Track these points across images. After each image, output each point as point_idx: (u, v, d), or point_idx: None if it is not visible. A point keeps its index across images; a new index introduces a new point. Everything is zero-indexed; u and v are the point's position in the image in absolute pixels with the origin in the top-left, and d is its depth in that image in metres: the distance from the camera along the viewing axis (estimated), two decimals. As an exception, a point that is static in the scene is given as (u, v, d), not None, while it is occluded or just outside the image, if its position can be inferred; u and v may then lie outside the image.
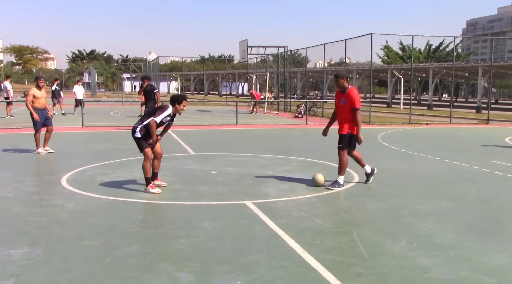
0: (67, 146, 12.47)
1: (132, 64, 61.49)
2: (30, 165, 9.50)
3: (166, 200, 6.57)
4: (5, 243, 4.67)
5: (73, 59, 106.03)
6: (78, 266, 4.15)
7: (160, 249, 4.61)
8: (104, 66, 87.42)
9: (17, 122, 17.86)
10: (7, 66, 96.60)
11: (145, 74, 45.99)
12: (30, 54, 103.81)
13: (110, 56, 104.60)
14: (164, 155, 10.70)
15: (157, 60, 39.78)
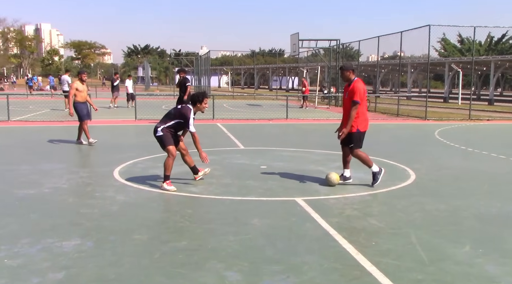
0: (120, 138, 12.73)
1: (184, 58, 62.45)
2: (85, 157, 9.74)
3: (215, 194, 6.49)
4: (58, 234, 4.73)
5: (128, 54, 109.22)
6: (127, 261, 4.11)
7: (209, 246, 4.51)
8: (157, 61, 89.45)
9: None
10: (67, 61, 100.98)
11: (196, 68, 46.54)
12: (88, 49, 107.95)
13: (164, 51, 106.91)
14: (214, 148, 10.73)
15: (208, 55, 40.11)
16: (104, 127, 15.23)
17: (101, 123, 15.99)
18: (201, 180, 7.26)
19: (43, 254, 4.21)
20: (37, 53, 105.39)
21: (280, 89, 69.41)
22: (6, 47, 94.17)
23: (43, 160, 9.14)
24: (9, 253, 4.20)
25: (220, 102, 28.37)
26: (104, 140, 12.16)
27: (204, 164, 7.10)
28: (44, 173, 7.71)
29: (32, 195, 6.35)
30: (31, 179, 7.24)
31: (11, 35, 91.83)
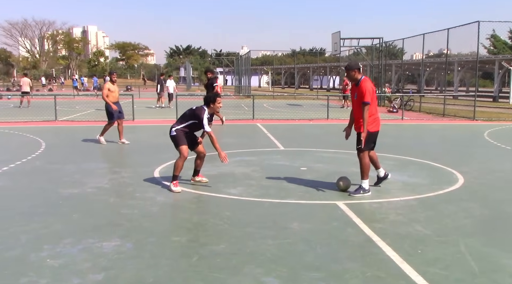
0: (161, 138, 12.88)
1: (225, 58, 62.94)
2: (127, 157, 9.88)
3: (254, 196, 6.41)
4: (98, 235, 4.77)
5: (170, 55, 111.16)
6: (165, 263, 4.09)
7: (247, 250, 4.43)
8: (198, 61, 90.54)
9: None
10: (112, 62, 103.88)
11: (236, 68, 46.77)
12: (132, 50, 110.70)
13: (205, 51, 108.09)
14: (253, 149, 10.67)
15: (249, 54, 40.22)
16: (146, 127, 15.49)
17: (143, 123, 16.29)
18: (232, 182, 7.19)
19: (84, 254, 4.25)
20: (84, 54, 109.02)
21: (321, 89, 68.74)
22: (55, 49, 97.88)
23: (87, 159, 9.35)
24: (52, 253, 4.26)
25: (260, 102, 28.32)
26: (145, 140, 12.35)
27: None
28: (87, 172, 7.87)
29: (75, 194, 6.48)
30: (75, 178, 7.40)
31: (59, 38, 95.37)
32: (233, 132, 14.06)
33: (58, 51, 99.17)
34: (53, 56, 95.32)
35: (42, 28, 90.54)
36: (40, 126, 15.19)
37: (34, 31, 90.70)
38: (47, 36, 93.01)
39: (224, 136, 12.96)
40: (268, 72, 76.36)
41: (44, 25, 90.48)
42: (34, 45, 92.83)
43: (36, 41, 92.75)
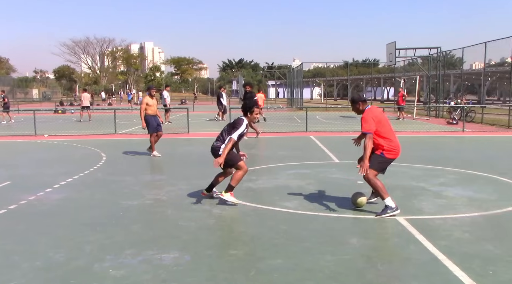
0: (216, 151, 13.05)
1: (277, 71, 63.24)
2: (183, 169, 10.03)
3: (310, 210, 6.30)
4: (158, 246, 4.85)
5: (223, 68, 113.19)
6: (223, 277, 4.07)
7: (305, 265, 4.33)
8: (250, 74, 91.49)
9: (174, 128, 19.35)
10: (167, 77, 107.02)
11: (288, 80, 46.79)
12: (186, 65, 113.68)
13: (257, 64, 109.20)
14: (307, 162, 10.56)
15: (301, 67, 40.17)
16: (201, 139, 15.72)
17: (198, 136, 16.56)
18: (287, 195, 7.12)
19: (144, 265, 4.32)
20: (141, 70, 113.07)
21: (374, 100, 67.41)
22: (114, 65, 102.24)
23: (145, 171, 9.60)
24: (114, 263, 4.36)
25: (312, 114, 28.15)
26: (200, 152, 12.53)
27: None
28: (145, 184, 8.07)
29: (134, 206, 6.64)
30: (134, 190, 7.60)
31: (118, 54, 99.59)
32: (286, 145, 14.01)
33: (117, 67, 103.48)
34: (112, 72, 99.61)
35: (103, 45, 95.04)
36: (101, 139, 15.80)
37: (95, 49, 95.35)
38: (107, 53, 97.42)
39: (278, 149, 12.93)
40: (320, 84, 75.85)
41: (104, 43, 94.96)
42: (95, 62, 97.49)
43: (97, 58, 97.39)
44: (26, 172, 9.50)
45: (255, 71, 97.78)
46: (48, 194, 7.37)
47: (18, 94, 59.98)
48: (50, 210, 6.43)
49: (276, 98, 71.72)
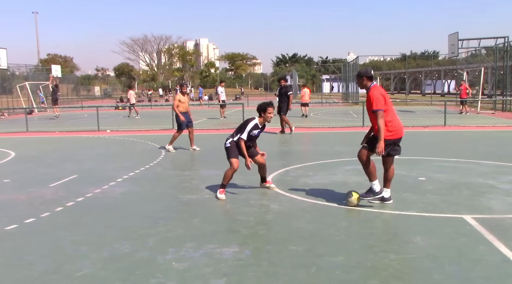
0: (271, 146, 13.04)
1: (331, 65, 62.42)
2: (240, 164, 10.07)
3: (370, 207, 6.14)
4: (218, 240, 4.89)
5: (277, 63, 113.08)
6: (284, 273, 4.05)
7: (368, 263, 4.22)
8: (304, 69, 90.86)
9: (229, 123, 19.55)
10: (222, 72, 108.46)
11: (343, 74, 46.04)
12: (240, 61, 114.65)
13: (311, 59, 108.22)
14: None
15: (356, 60, 39.37)
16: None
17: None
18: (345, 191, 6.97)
19: (205, 259, 4.38)
20: (196, 66, 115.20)
21: (434, 94, 65.01)
22: (171, 62, 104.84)
23: (203, 166, 9.75)
24: (176, 256, 4.45)
25: (369, 108, 27.48)
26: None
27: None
28: (204, 179, 8.18)
29: (194, 200, 6.76)
30: (193, 184, 7.74)
31: (175, 51, 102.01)
32: (343, 140, 13.77)
33: (173, 63, 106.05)
34: (169, 69, 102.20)
35: (160, 43, 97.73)
36: (160, 134, 16.22)
37: (153, 46, 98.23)
38: (164, 50, 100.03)
39: (334, 144, 12.74)
40: (377, 78, 74.01)
41: (161, 40, 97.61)
42: (152, 59, 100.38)
43: (155, 55, 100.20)
44: (91, 166, 9.92)
45: (309, 66, 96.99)
46: (111, 187, 7.65)
47: (81, 92, 62.84)
48: (114, 203, 6.67)
49: (331, 93, 70.78)
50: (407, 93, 64.41)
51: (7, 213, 6.20)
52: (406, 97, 47.09)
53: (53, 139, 15.71)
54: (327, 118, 21.76)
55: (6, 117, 28.51)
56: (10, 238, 5.13)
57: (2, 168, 9.86)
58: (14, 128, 19.02)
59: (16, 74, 43.98)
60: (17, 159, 11.12)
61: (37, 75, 42.20)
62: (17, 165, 10.18)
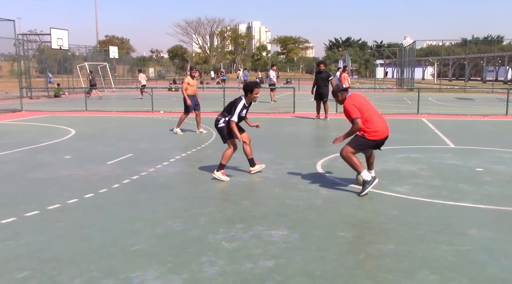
0: (322, 131, 12.95)
1: (386, 49, 60.66)
2: (290, 148, 10.07)
3: (423, 196, 6.00)
4: (267, 223, 4.96)
5: (329, 47, 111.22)
6: (332, 258, 4.05)
7: (419, 253, 4.15)
8: (358, 53, 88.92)
9: (280, 107, 19.53)
10: (273, 56, 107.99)
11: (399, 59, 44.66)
12: (292, 44, 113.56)
13: (365, 43, 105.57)
14: (419, 145, 10.03)
15: (413, 45, 38.04)
16: (307, 120, 15.65)
17: (303, 116, 16.52)
18: (397, 179, 6.82)
19: (254, 240, 4.45)
20: (248, 49, 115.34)
21: (496, 81, 61.84)
22: (223, 45, 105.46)
23: (254, 149, 9.82)
24: (226, 236, 4.56)
25: (425, 95, 26.63)
26: (307, 132, 12.54)
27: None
28: (254, 162, 8.24)
29: (244, 182, 6.86)
30: (243, 167, 7.82)
31: (227, 34, 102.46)
32: (396, 127, 13.42)
33: (225, 46, 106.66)
34: (221, 52, 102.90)
35: (213, 25, 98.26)
36: (211, 116, 16.42)
37: (206, 29, 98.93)
38: (216, 33, 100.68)
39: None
40: (434, 63, 71.36)
41: (214, 23, 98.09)
42: (205, 42, 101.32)
43: (207, 38, 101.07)
44: (145, 145, 10.24)
45: (363, 50, 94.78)
46: (165, 167, 7.89)
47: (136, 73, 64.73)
48: (167, 182, 6.88)
49: (384, 79, 68.96)
50: (466, 80, 61.69)
51: (68, 187, 6.54)
52: (465, 84, 45.11)
53: (110, 118, 16.33)
54: (380, 105, 21.24)
55: (67, 96, 29.85)
56: (71, 211, 5.42)
57: (64, 145, 10.38)
58: (74, 107, 19.91)
59: (76, 55, 45.78)
60: (77, 136, 11.66)
61: (96, 56, 43.73)
62: (77, 142, 10.68)
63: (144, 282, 3.58)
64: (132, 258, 4.04)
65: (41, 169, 7.73)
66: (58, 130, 12.83)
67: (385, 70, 77.28)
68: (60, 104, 22.56)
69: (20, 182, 6.94)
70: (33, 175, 7.36)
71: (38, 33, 33.61)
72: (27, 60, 30.42)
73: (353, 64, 78.90)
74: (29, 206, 5.53)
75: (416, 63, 44.78)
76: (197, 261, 3.96)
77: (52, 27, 26.82)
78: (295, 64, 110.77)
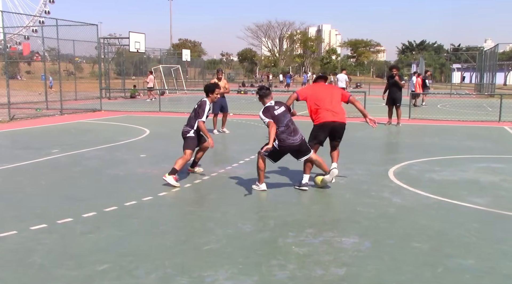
0: (395, 137, 12.55)
1: (464, 53, 57.71)
2: (360, 154, 9.84)
3: (507, 209, 5.62)
4: (338, 229, 4.87)
5: (402, 51, 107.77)
6: (407, 269, 3.90)
7: (503, 270, 3.89)
8: (433, 57, 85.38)
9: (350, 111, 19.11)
10: (343, 59, 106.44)
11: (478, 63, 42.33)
12: (363, 47, 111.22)
13: (441, 46, 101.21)
14: (501, 155, 9.38)
15: (495, 48, 35.86)
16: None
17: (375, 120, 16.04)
18: (477, 190, 6.43)
19: (324, 246, 4.38)
20: (317, 52, 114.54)
21: None
22: (292, 48, 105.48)
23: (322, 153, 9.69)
24: (296, 240, 4.52)
25: (507, 102, 24.98)
26: (380, 138, 12.21)
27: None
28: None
29: (313, 187, 6.77)
30: (312, 171, 7.73)
31: (297, 37, 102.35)
32: (475, 135, 12.74)
33: (294, 49, 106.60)
34: (290, 55, 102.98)
35: (283, 29, 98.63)
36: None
37: (276, 32, 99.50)
38: (286, 36, 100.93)
39: (465, 139, 11.85)
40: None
41: (284, 26, 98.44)
42: (274, 45, 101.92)
43: (277, 41, 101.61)
44: (217, 147, 10.44)
45: (438, 54, 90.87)
46: (234, 168, 8.00)
47: (207, 75, 66.37)
48: (237, 183, 6.96)
49: (461, 84, 65.66)
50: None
51: (144, 185, 6.81)
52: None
53: (182, 119, 16.80)
54: (457, 111, 20.25)
55: (142, 97, 31.21)
56: (147, 208, 5.64)
57: (139, 144, 10.85)
58: (149, 108, 20.76)
59: (151, 57, 47.75)
60: (151, 136, 12.14)
61: (169, 59, 45.36)
62: (151, 142, 11.11)
63: (216, 282, 3.64)
64: (204, 257, 4.13)
65: (119, 166, 8.12)
66: (134, 129, 13.43)
67: (462, 74, 73.52)
68: (136, 105, 23.63)
69: (101, 178, 7.33)
70: (112, 171, 7.74)
71: (117, 37, 35.32)
72: (107, 62, 32.18)
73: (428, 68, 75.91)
74: (108, 201, 5.82)
75: (497, 68, 42.23)
76: (267, 264, 3.96)
77: (130, 31, 28.14)
78: (365, 68, 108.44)
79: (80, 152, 9.51)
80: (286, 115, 6.37)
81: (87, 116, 17.36)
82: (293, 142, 6.26)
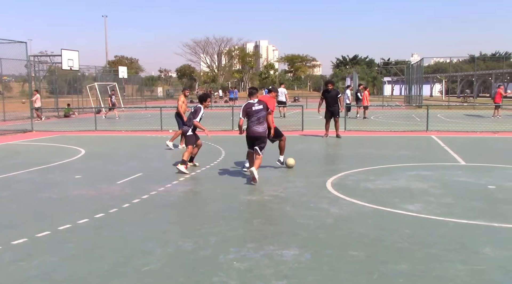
0: (331, 148, 12.92)
1: (393, 67, 60.77)
2: (300, 166, 10.04)
3: (435, 214, 5.95)
4: (278, 242, 4.93)
5: (337, 65, 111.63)
6: (345, 278, 4.01)
7: (433, 273, 4.10)
8: (365, 71, 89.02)
9: (288, 125, 19.53)
10: (281, 74, 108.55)
11: (406, 76, 44.70)
12: (300, 62, 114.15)
13: (372, 60, 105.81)
14: (429, 163, 9.94)
15: (420, 62, 38.08)
16: (316, 138, 15.64)
17: (311, 134, 16.51)
18: (409, 197, 6.76)
19: (266, 260, 4.42)
20: (255, 68, 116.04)
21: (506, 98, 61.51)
22: (231, 63, 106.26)
23: (262, 167, 9.81)
24: (237, 256, 4.53)
25: (433, 112, 26.52)
26: (316, 150, 12.51)
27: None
28: (264, 181, 8.22)
29: (254, 201, 6.84)
30: (253, 186, 7.80)
31: (235, 53, 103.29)
32: (405, 144, 13.39)
33: (233, 65, 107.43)
34: (228, 70, 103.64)
35: (221, 44, 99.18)
36: (219, 135, 16.51)
37: (214, 48, 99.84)
38: (224, 52, 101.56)
39: (397, 149, 12.43)
40: (442, 80, 71.30)
41: (222, 42, 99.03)
42: (213, 61, 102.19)
43: (215, 57, 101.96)
44: (155, 164, 10.28)
45: (370, 68, 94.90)
46: (174, 186, 7.90)
47: (145, 92, 65.23)
48: (177, 201, 6.88)
49: (392, 96, 68.92)
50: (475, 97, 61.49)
51: (79, 207, 6.56)
52: (474, 101, 44.93)
53: (119, 138, 16.43)
54: (389, 122, 21.23)
55: (76, 116, 30.13)
56: (82, 231, 5.43)
57: (74, 164, 10.45)
58: (84, 126, 20.08)
59: (85, 75, 46.33)
60: (87, 156, 11.74)
61: (105, 76, 44.23)
62: (87, 162, 10.74)
63: (156, 303, 3.56)
64: (144, 278, 4.03)
65: (52, 189, 7.77)
66: (68, 150, 12.93)
67: (393, 87, 77.27)
68: (70, 124, 22.77)
69: (32, 202, 6.99)
70: (45, 194, 7.40)
71: (49, 55, 34.01)
72: (38, 81, 30.82)
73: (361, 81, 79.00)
74: (41, 226, 5.55)
75: (424, 80, 44.78)
76: (209, 281, 3.93)
77: (63, 49, 27.22)
78: (302, 82, 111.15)
79: (9, 176, 9.03)
80: (261, 112, 8.15)
81: (17, 138, 16.51)
82: (256, 131, 8.17)
